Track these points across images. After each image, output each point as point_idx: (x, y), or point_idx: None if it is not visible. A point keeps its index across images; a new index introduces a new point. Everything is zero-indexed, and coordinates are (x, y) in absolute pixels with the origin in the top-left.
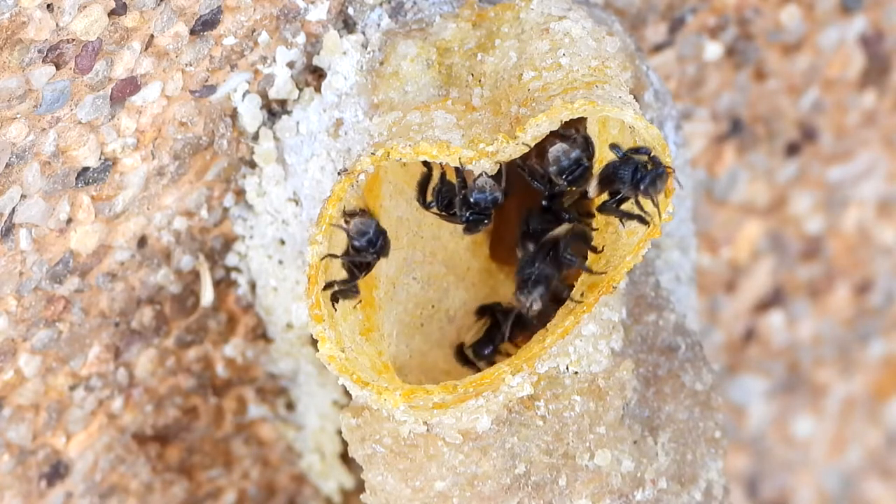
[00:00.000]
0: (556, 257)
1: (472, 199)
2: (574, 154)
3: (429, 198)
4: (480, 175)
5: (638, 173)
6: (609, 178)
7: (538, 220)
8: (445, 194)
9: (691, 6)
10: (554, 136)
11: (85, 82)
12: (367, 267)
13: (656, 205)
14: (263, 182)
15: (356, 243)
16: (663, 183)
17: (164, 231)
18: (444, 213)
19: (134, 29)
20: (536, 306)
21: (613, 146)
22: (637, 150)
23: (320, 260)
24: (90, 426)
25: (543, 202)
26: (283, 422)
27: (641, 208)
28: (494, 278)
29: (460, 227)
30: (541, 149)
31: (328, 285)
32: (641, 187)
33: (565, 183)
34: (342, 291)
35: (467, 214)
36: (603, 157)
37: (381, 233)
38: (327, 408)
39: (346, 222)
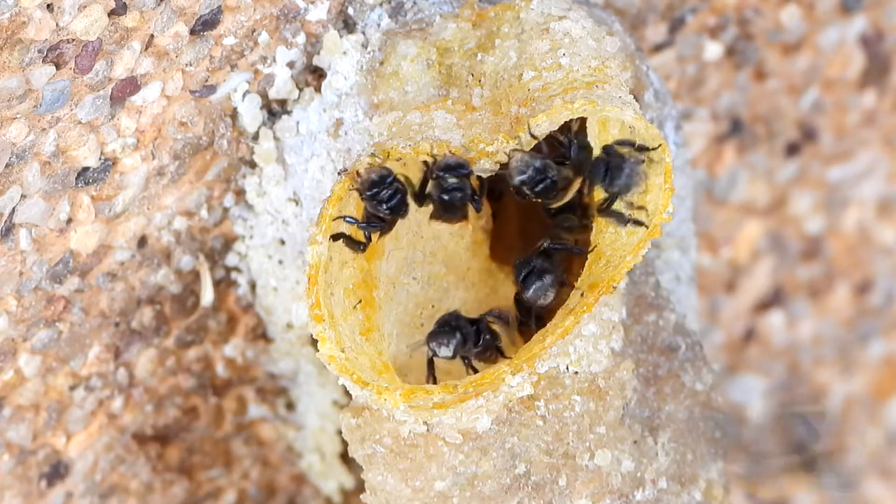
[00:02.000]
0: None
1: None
2: (537, 164)
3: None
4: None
5: (608, 170)
6: (590, 179)
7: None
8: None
9: (691, 6)
10: (554, 136)
11: (85, 82)
12: (379, 224)
13: (638, 206)
14: (263, 182)
15: (367, 192)
16: (636, 175)
17: (164, 231)
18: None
19: (134, 29)
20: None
21: (606, 147)
22: (622, 143)
23: (332, 221)
24: (90, 426)
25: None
26: (283, 422)
27: (638, 207)
28: (494, 278)
29: (459, 227)
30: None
31: (336, 236)
32: (615, 186)
33: (532, 195)
34: (348, 239)
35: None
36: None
37: (394, 184)
38: (327, 408)
39: (359, 175)
